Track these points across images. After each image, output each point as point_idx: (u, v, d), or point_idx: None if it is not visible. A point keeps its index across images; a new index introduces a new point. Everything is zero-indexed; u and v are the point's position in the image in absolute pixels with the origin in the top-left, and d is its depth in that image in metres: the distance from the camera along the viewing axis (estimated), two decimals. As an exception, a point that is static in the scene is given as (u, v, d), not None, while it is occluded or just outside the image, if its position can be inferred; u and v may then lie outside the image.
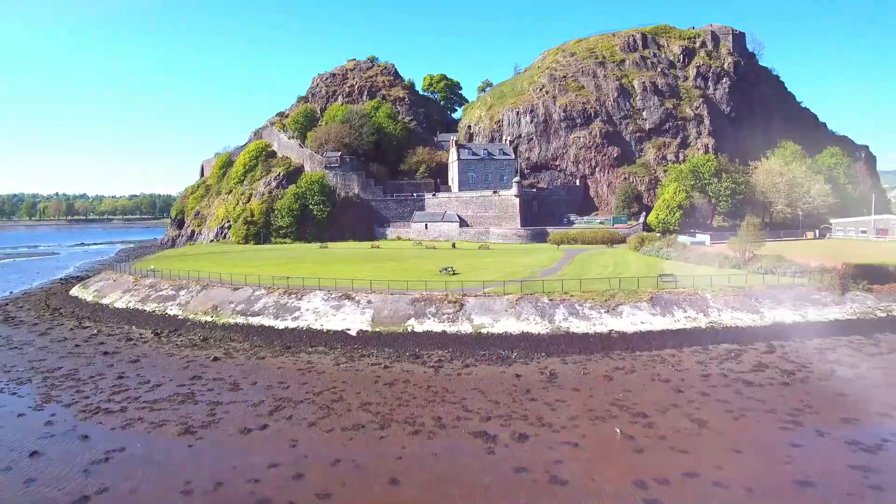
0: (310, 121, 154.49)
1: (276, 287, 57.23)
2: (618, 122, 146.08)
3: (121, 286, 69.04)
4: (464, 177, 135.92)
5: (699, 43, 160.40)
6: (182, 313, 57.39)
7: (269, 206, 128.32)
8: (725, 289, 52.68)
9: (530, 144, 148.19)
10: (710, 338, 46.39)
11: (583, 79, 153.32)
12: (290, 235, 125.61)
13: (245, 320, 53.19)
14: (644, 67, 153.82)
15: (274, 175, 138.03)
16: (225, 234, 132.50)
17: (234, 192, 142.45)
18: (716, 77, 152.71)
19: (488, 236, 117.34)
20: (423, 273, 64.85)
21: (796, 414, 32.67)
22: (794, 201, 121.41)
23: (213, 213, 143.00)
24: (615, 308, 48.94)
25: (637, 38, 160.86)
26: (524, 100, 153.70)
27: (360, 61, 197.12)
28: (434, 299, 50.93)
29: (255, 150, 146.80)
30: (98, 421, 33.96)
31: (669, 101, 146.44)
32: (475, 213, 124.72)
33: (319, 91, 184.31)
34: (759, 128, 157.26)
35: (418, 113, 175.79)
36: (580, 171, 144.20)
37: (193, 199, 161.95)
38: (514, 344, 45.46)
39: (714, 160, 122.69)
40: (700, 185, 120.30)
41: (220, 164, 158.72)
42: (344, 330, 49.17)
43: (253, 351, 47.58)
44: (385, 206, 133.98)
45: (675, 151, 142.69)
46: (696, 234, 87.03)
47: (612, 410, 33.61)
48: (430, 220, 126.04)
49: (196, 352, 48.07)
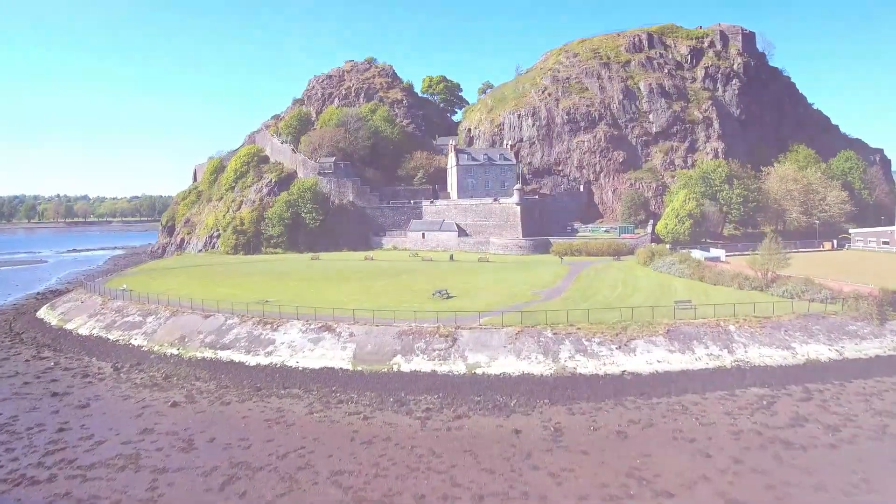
0: (304, 124, 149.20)
1: (250, 315, 51.78)
2: (623, 126, 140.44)
3: (88, 309, 63.70)
4: (463, 183, 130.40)
5: (707, 43, 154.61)
6: (147, 344, 51.98)
7: (259, 215, 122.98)
8: (750, 319, 47.07)
9: (532, 149, 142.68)
10: (737, 380, 40.77)
11: (586, 80, 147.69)
12: (281, 245, 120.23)
13: (213, 354, 47.75)
14: (650, 68, 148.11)
15: (265, 182, 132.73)
16: (214, 243, 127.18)
17: (225, 199, 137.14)
18: (725, 78, 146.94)
19: (488, 246, 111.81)
20: (415, 295, 59.44)
21: (852, 492, 27.09)
22: (809, 209, 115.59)
23: (203, 220, 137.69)
24: (627, 343, 43.37)
25: (643, 37, 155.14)
26: (526, 102, 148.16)
27: (358, 63, 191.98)
28: (424, 332, 45.42)
29: (246, 155, 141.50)
30: (17, 497, 28.54)
31: (677, 104, 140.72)
32: (475, 222, 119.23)
33: (315, 93, 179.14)
34: (769, 131, 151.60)
35: (417, 116, 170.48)
36: (584, 177, 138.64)
37: (184, 205, 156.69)
38: (513, 388, 39.93)
39: (725, 166, 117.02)
40: (710, 193, 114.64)
41: (211, 169, 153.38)
42: (322, 368, 43.70)
43: (218, 394, 42.09)
44: (381, 213, 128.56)
45: (683, 156, 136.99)
46: (710, 249, 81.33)
47: (628, 486, 28.04)
48: (427, 228, 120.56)
49: (155, 394, 42.63)
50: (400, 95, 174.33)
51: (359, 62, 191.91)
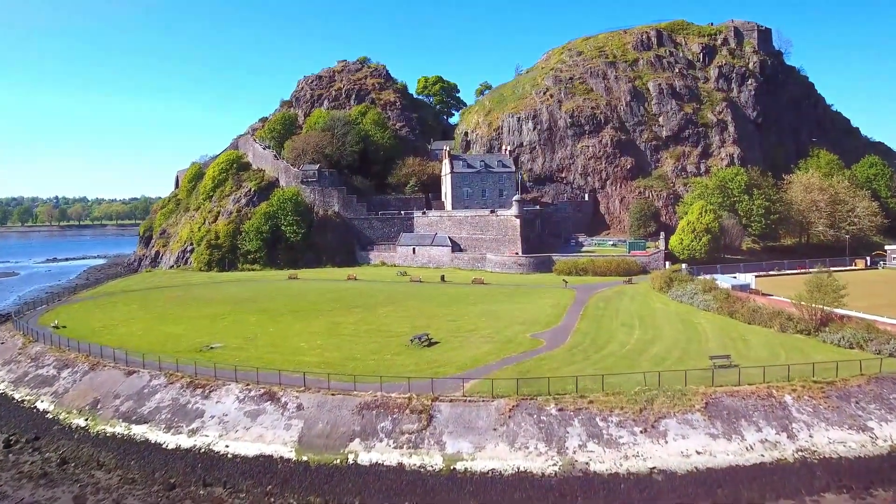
0: (288, 128, 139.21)
1: (179, 375, 41.62)
2: (631, 129, 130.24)
3: (5, 353, 53.70)
4: (458, 192, 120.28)
5: (720, 40, 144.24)
6: (53, 409, 41.93)
7: (236, 228, 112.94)
8: (809, 383, 36.82)
9: (533, 154, 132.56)
10: (804, 480, 30.56)
11: (591, 81, 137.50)
12: (259, 261, 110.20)
13: (127, 430, 37.65)
14: (660, 68, 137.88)
15: (244, 191, 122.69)
16: (187, 258, 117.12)
17: (202, 210, 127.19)
18: (740, 78, 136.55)
19: (484, 263, 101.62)
20: (389, 341, 49.34)
21: None
22: (836, 222, 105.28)
23: (178, 233, 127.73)
24: (655, 424, 33.22)
25: (651, 35, 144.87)
26: (526, 104, 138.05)
27: (350, 63, 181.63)
28: (391, 406, 35.30)
29: (225, 161, 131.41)
30: None
31: (689, 106, 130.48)
32: (470, 235, 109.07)
33: (304, 95, 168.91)
34: (787, 134, 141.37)
35: (411, 119, 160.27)
36: (589, 185, 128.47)
37: (162, 214, 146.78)
38: (505, 493, 29.78)
39: (743, 174, 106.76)
40: (728, 203, 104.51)
41: (189, 176, 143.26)
42: (258, 456, 33.61)
43: (118, 493, 32.02)
44: (369, 225, 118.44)
45: (696, 162, 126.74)
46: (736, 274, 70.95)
47: None
48: (418, 243, 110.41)
49: (39, 492, 32.58)
50: (393, 97, 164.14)
51: (350, 62, 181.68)
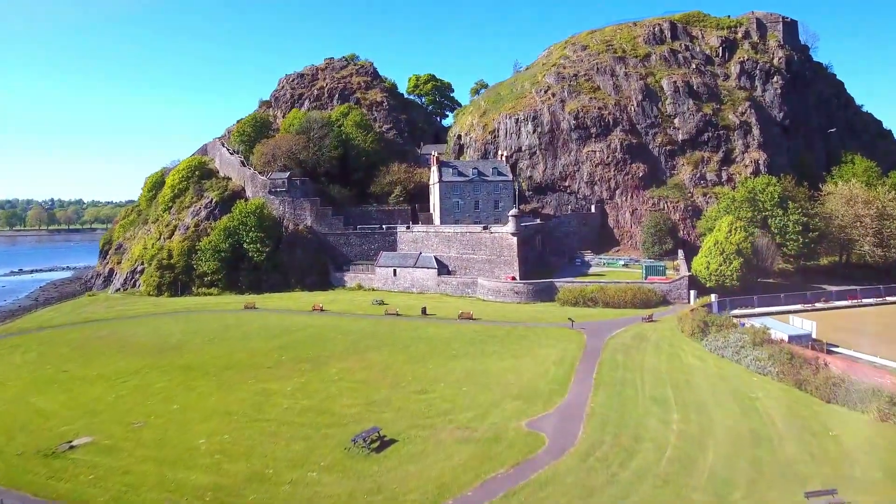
0: (260, 130, 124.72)
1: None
2: (643, 133, 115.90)
3: None
4: (447, 204, 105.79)
5: (741, 33, 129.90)
6: None
7: (192, 245, 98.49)
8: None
9: (533, 160, 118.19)
10: None
11: (598, 78, 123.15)
12: (217, 284, 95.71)
13: None
14: (674, 63, 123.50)
15: (205, 202, 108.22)
16: (136, 280, 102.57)
17: (160, 223, 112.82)
18: (764, 75, 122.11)
19: (475, 289, 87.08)
20: (327, 433, 34.98)
21: None
22: (885, 239, 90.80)
23: (132, 248, 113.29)
24: None
25: (664, 27, 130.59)
26: (525, 104, 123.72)
27: (335, 60, 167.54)
28: None
29: (186, 168, 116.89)
30: None
31: (708, 106, 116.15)
32: (459, 255, 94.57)
33: (284, 95, 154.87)
34: (816, 138, 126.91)
35: (399, 120, 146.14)
36: (596, 195, 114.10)
37: (121, 226, 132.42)
38: None
39: (776, 184, 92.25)
40: (759, 219, 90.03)
41: (150, 184, 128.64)
42: None
43: None
44: (346, 241, 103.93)
45: (717, 169, 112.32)
46: (793, 320, 56.16)
47: None
48: (400, 264, 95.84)
49: None
50: (380, 97, 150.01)
51: (335, 59, 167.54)
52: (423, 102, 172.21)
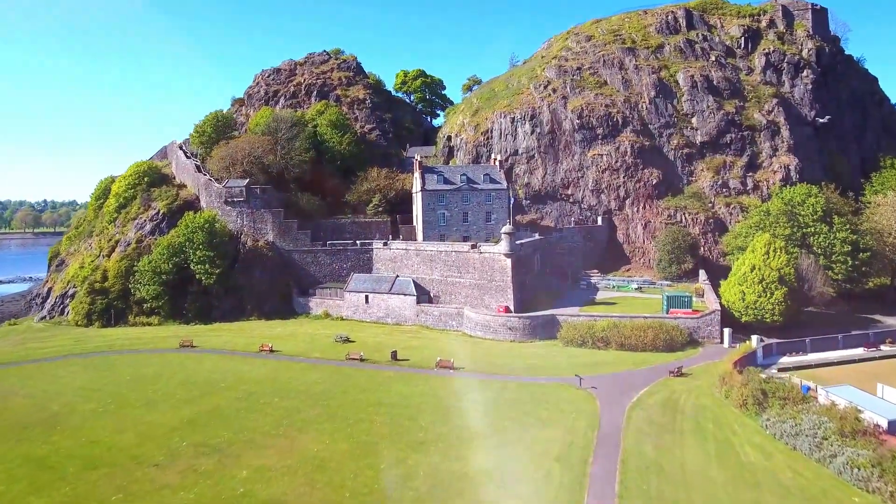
0: (222, 131, 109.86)
1: None
2: (656, 134, 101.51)
3: None
4: (430, 216, 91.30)
5: (765, 22, 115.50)
6: None
7: (131, 264, 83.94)
8: None
9: (531, 165, 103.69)
10: None
11: (605, 71, 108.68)
12: (158, 312, 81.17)
13: None
14: (691, 55, 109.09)
15: (151, 214, 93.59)
16: (64, 306, 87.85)
17: (102, 236, 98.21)
18: (793, 69, 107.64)
19: (461, 322, 72.45)
20: None
21: None
22: (948, 260, 76.56)
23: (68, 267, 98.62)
24: None
25: (679, 15, 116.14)
26: (522, 101, 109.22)
27: (315, 54, 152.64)
28: None
29: (134, 174, 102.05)
30: None
31: (729, 103, 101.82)
32: (444, 278, 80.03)
33: (258, 91, 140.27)
34: (850, 140, 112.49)
35: (383, 120, 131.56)
36: (603, 204, 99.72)
37: (68, 238, 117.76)
38: None
39: (817, 195, 77.89)
40: (798, 236, 75.67)
41: (98, 191, 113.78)
42: None
43: None
44: (314, 260, 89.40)
45: (741, 175, 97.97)
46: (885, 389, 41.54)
47: None
48: (374, 288, 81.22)
49: None
50: (363, 94, 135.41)
51: (316, 53, 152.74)
52: (412, 101, 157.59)
